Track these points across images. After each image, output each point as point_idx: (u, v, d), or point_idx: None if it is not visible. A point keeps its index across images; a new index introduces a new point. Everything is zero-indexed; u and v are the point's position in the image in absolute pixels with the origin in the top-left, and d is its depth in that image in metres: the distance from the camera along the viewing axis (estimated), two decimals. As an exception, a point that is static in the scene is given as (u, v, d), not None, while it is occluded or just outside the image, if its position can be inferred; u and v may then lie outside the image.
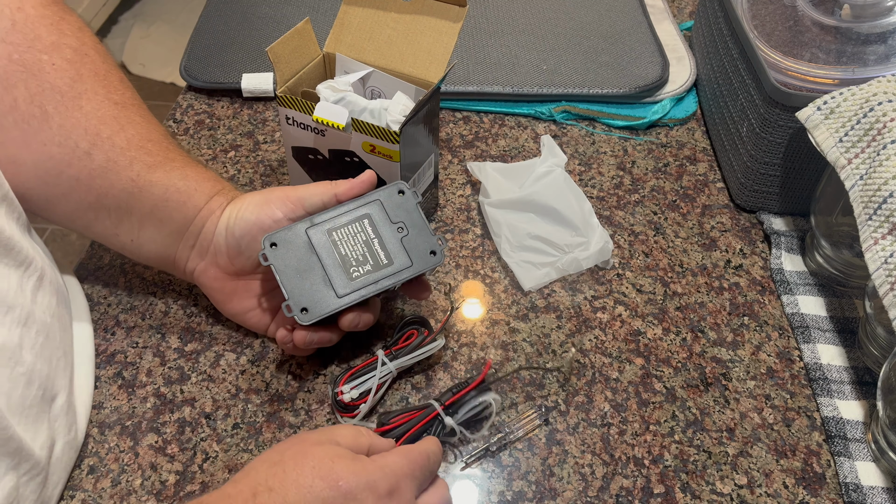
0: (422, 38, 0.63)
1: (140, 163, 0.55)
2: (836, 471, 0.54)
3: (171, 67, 2.34)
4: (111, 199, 0.55)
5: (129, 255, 0.59)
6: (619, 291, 0.65)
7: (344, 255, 0.54)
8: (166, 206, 0.55)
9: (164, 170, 0.56)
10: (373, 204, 0.55)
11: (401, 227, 0.55)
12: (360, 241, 0.54)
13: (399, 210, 0.56)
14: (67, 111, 0.54)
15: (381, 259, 0.54)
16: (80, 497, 0.51)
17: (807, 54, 0.67)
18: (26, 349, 0.50)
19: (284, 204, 0.54)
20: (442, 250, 0.55)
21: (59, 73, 0.54)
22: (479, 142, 0.79)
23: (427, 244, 0.55)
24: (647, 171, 0.76)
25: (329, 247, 0.54)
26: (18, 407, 0.48)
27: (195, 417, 0.56)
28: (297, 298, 0.53)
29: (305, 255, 0.53)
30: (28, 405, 0.49)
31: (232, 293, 0.58)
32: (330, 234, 0.54)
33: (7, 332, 0.48)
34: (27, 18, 0.54)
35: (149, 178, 0.55)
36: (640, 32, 0.90)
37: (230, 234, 0.55)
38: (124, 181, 0.55)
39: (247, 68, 0.84)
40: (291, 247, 0.53)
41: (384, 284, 0.54)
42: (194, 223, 0.56)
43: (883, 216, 0.53)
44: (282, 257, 0.53)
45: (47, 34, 0.54)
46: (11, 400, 0.47)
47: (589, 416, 0.56)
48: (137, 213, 0.55)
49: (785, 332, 0.63)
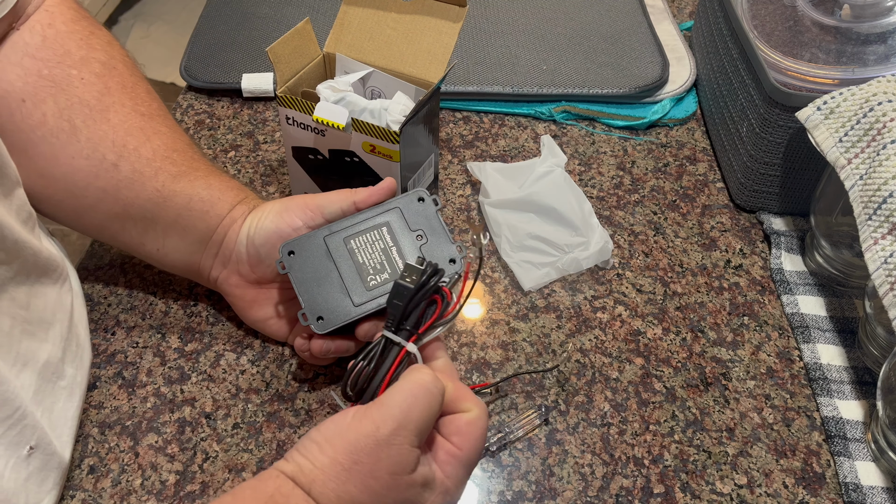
0: (422, 38, 0.63)
1: (165, 173, 0.56)
2: (835, 471, 0.54)
3: (171, 67, 2.34)
4: (137, 209, 0.55)
5: (156, 263, 0.59)
6: (619, 291, 0.65)
7: (361, 263, 0.53)
8: (190, 215, 0.56)
9: (188, 179, 0.56)
10: (392, 211, 0.55)
11: (420, 234, 0.54)
12: (378, 248, 0.54)
13: (418, 217, 0.55)
14: (95, 124, 0.55)
15: (398, 267, 0.53)
16: (81, 497, 0.51)
17: (807, 54, 0.67)
18: (68, 363, 0.51)
19: (304, 212, 0.54)
20: (462, 259, 0.54)
21: (88, 86, 0.55)
22: (479, 142, 0.79)
23: (446, 252, 0.54)
24: (647, 171, 0.76)
25: (346, 255, 0.53)
26: (63, 419, 0.49)
27: (195, 417, 0.56)
28: (314, 307, 0.52)
29: (323, 263, 0.53)
30: (70, 416, 0.51)
31: (253, 301, 0.58)
32: (347, 241, 0.54)
33: (51, 347, 0.50)
34: (57, 34, 0.55)
35: (173, 187, 0.56)
36: (640, 32, 0.90)
37: (251, 242, 0.55)
38: (150, 191, 0.55)
39: (247, 68, 0.84)
40: (309, 255, 0.53)
41: None
42: (217, 232, 0.56)
43: (883, 216, 0.53)
44: (299, 265, 0.53)
45: (77, 49, 0.55)
46: (53, 414, 0.49)
47: (589, 416, 0.56)
48: (162, 222, 0.56)
49: (785, 332, 0.63)
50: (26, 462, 0.46)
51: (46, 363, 0.49)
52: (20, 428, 0.45)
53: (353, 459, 0.40)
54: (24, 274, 0.48)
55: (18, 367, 0.47)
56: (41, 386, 0.49)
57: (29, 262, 0.49)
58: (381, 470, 0.40)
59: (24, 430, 0.46)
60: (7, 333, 0.46)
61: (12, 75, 0.53)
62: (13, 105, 0.53)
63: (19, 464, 0.45)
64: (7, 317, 0.47)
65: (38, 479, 0.47)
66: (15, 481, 0.45)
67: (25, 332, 0.48)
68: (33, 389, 0.48)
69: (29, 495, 0.46)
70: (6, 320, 0.46)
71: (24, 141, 0.53)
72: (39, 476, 0.47)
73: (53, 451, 0.48)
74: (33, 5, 0.55)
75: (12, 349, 0.47)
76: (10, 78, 0.53)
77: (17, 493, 0.45)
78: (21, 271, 0.48)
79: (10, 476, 0.44)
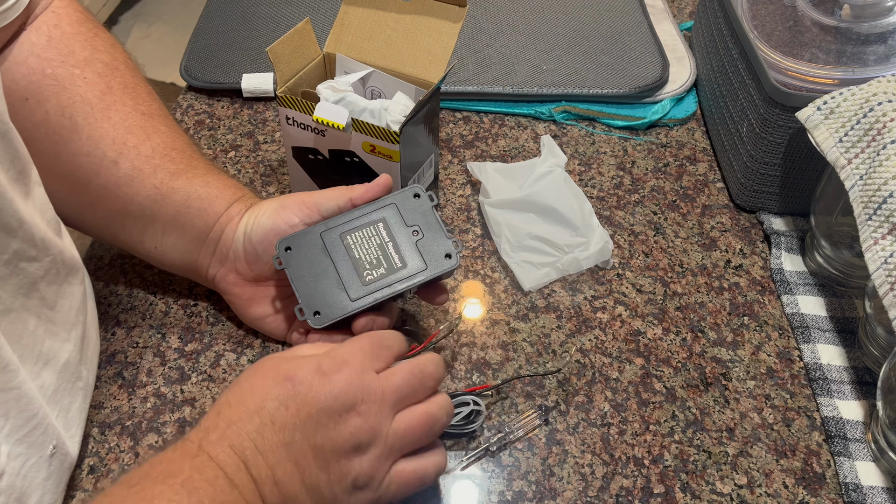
0: (422, 38, 0.63)
1: (164, 170, 0.56)
2: (835, 471, 0.54)
3: (171, 67, 2.33)
4: (136, 206, 0.56)
5: (155, 262, 0.60)
6: (619, 291, 0.65)
7: (357, 258, 0.54)
8: (188, 212, 0.56)
9: (187, 177, 0.57)
10: (388, 207, 0.55)
11: (416, 230, 0.55)
12: (375, 244, 0.54)
13: (414, 213, 0.55)
14: (96, 122, 0.55)
15: (395, 262, 0.54)
16: (81, 497, 0.51)
17: (807, 54, 0.67)
18: (84, 364, 0.52)
19: (300, 209, 0.55)
20: (457, 254, 0.54)
21: (90, 85, 0.55)
22: (479, 142, 0.79)
23: (442, 247, 0.54)
24: (647, 171, 0.76)
25: (343, 250, 0.54)
26: (76, 420, 0.50)
27: (195, 417, 0.56)
28: (310, 302, 0.52)
29: (319, 259, 0.53)
30: (83, 417, 0.51)
31: (250, 299, 0.58)
32: (344, 237, 0.54)
33: (72, 347, 0.51)
34: (63, 35, 0.56)
35: (171, 185, 0.56)
36: (640, 32, 0.90)
37: (248, 239, 0.55)
38: (148, 188, 0.55)
39: (247, 68, 0.84)
40: (306, 250, 0.53)
41: (398, 288, 0.53)
42: (214, 229, 0.57)
43: (883, 216, 0.53)
44: (296, 261, 0.53)
45: (81, 50, 0.56)
46: (70, 414, 0.49)
47: (589, 416, 0.56)
48: (161, 219, 0.56)
49: (785, 332, 0.63)
50: (48, 462, 0.46)
51: (66, 363, 0.50)
52: (45, 427, 0.46)
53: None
54: (54, 272, 0.49)
55: (40, 366, 0.47)
56: (60, 385, 0.49)
57: (57, 260, 0.49)
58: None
59: (47, 430, 0.46)
60: (32, 333, 0.46)
61: (17, 74, 0.53)
62: (16, 103, 0.53)
63: (41, 463, 0.45)
64: (34, 316, 0.47)
65: (56, 480, 0.47)
66: (33, 480, 0.45)
67: (49, 332, 0.48)
68: (52, 389, 0.48)
69: (45, 495, 0.46)
70: (32, 319, 0.46)
71: (26, 139, 0.53)
72: (57, 476, 0.47)
73: (67, 452, 0.48)
74: (41, 6, 0.55)
75: (35, 349, 0.47)
76: (14, 76, 0.53)
77: (34, 491, 0.45)
78: (51, 270, 0.48)
79: (29, 474, 0.44)
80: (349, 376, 0.44)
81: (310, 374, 0.43)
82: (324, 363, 0.44)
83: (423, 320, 0.62)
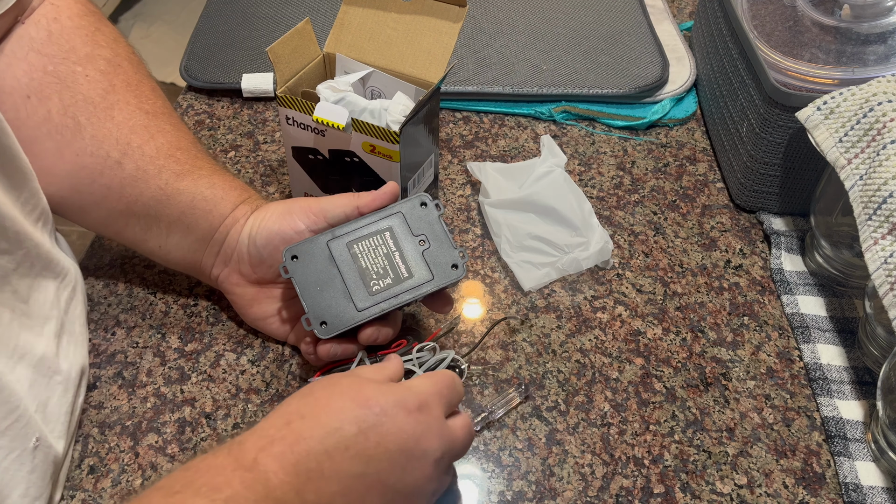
0: (422, 38, 0.63)
1: (168, 171, 0.56)
2: (835, 471, 0.54)
3: (171, 67, 2.33)
4: (140, 206, 0.56)
5: (158, 260, 0.59)
6: (619, 291, 0.65)
7: (364, 268, 0.53)
8: (193, 213, 0.56)
9: (192, 178, 0.56)
10: (395, 216, 0.55)
11: (422, 239, 0.54)
12: (381, 253, 0.54)
13: (421, 222, 0.55)
14: (100, 122, 0.55)
15: (401, 272, 0.53)
16: (81, 497, 0.51)
17: (807, 54, 0.67)
18: (62, 358, 0.51)
19: (307, 215, 0.54)
20: (464, 264, 0.54)
21: (93, 84, 0.55)
22: (479, 142, 0.79)
23: (449, 258, 0.54)
24: (647, 171, 0.76)
25: (349, 260, 0.53)
26: (55, 415, 0.49)
27: (195, 417, 0.56)
28: (317, 312, 0.52)
29: (326, 268, 0.53)
30: (64, 411, 0.51)
31: (253, 299, 0.58)
32: (350, 246, 0.54)
33: (46, 342, 0.50)
34: (63, 30, 0.55)
35: (176, 186, 0.56)
36: (640, 32, 0.90)
37: (252, 243, 0.55)
38: (153, 189, 0.55)
39: (247, 68, 0.84)
40: (312, 259, 0.53)
41: (404, 298, 0.53)
42: (219, 231, 0.56)
43: (883, 216, 0.53)
44: (302, 270, 0.53)
45: (82, 45, 0.55)
46: (48, 409, 0.49)
47: (589, 416, 0.56)
48: (165, 220, 0.56)
49: (785, 332, 0.63)
50: (32, 455, 0.46)
51: (42, 358, 0.49)
52: (26, 420, 0.45)
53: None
54: (28, 266, 0.48)
55: (15, 359, 0.47)
56: (36, 380, 0.49)
57: (31, 254, 0.49)
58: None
59: (29, 423, 0.46)
60: (7, 326, 0.46)
61: (18, 71, 0.53)
62: (18, 101, 0.53)
63: (24, 456, 0.45)
64: (7, 309, 0.47)
65: (42, 473, 0.47)
66: (16, 473, 0.45)
67: (24, 325, 0.48)
68: (28, 383, 0.48)
69: (30, 488, 0.46)
70: (6, 312, 0.46)
71: (28, 137, 0.53)
72: (42, 469, 0.47)
73: (50, 445, 0.48)
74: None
75: (10, 342, 0.47)
76: (16, 74, 0.53)
77: (18, 484, 0.45)
78: (24, 263, 0.48)
79: (12, 468, 0.44)
80: (430, 422, 0.43)
81: (393, 408, 0.42)
82: (407, 400, 0.43)
83: (423, 320, 0.62)
